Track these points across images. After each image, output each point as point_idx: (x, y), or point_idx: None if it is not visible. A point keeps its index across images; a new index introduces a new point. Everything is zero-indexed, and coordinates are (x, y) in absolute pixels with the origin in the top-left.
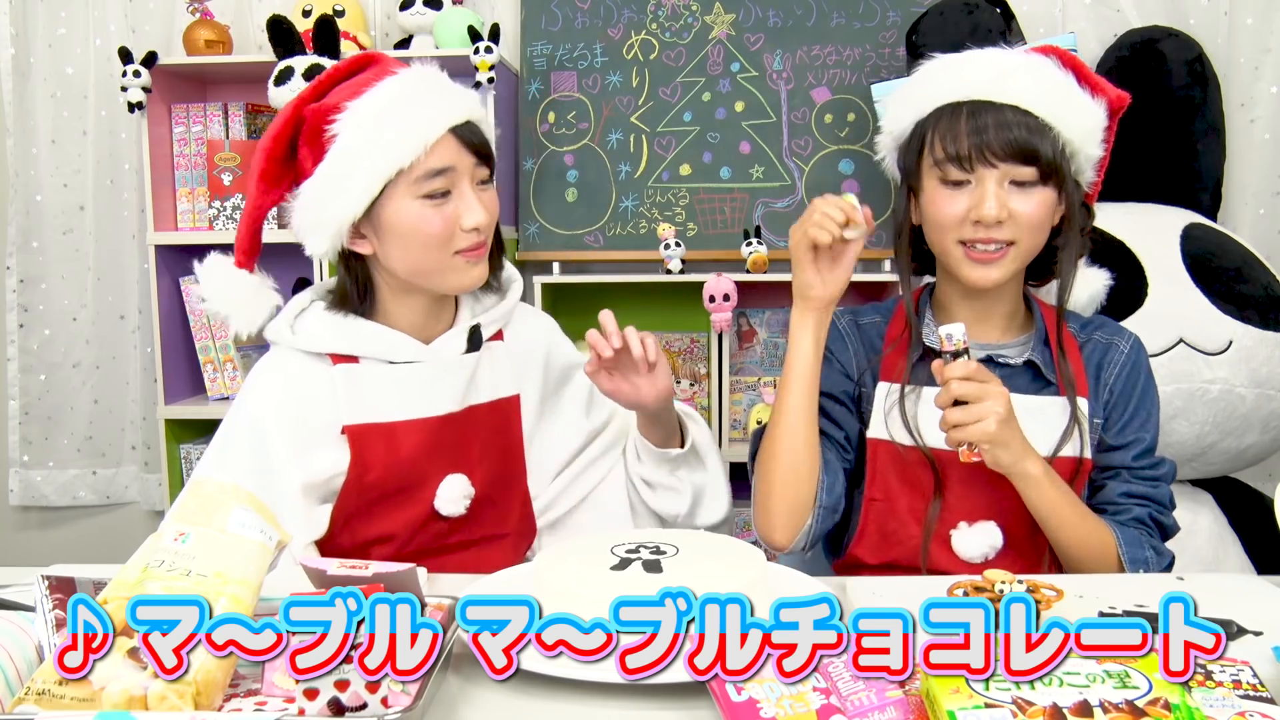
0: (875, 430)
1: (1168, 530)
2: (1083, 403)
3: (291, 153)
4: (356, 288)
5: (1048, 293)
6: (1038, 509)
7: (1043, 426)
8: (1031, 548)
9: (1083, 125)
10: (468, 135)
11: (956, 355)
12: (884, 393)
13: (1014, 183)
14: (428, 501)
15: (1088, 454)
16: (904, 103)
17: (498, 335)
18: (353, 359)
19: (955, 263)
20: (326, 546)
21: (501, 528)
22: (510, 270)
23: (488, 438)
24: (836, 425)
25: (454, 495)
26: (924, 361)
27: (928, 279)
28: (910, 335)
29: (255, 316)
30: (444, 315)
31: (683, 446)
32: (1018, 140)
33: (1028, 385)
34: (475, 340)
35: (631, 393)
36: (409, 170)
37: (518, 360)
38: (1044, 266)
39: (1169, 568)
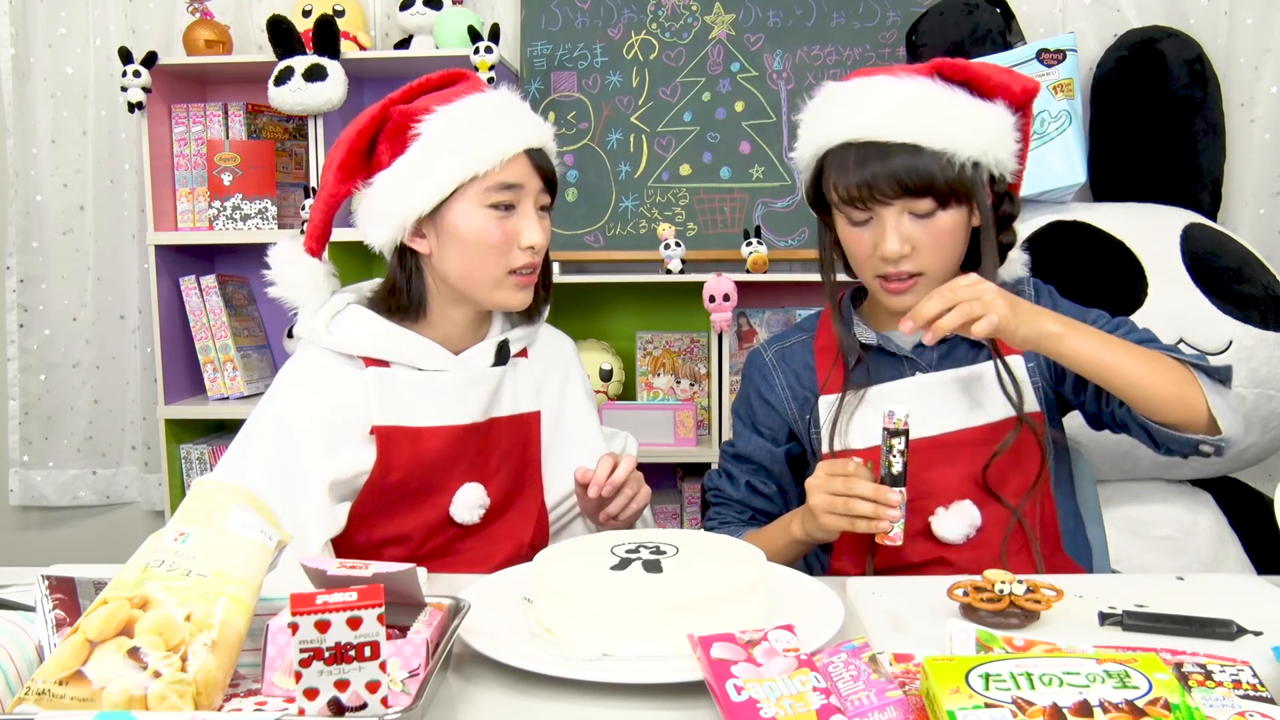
0: (828, 446)
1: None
2: (1020, 360)
3: (370, 148)
4: (408, 287)
5: None
6: (1084, 359)
7: (993, 389)
8: (1007, 520)
9: (982, 137)
10: (539, 160)
11: (895, 434)
12: (826, 406)
13: (914, 214)
14: (444, 507)
15: (1037, 407)
16: (805, 137)
17: (522, 353)
18: (384, 363)
19: (876, 291)
20: (341, 544)
21: (516, 538)
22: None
23: (506, 449)
24: (766, 472)
25: (470, 503)
26: (858, 367)
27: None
28: (839, 349)
29: (317, 303)
30: (479, 330)
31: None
32: (906, 178)
33: (966, 354)
34: (503, 354)
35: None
36: (483, 178)
37: (539, 377)
38: (974, 256)
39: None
